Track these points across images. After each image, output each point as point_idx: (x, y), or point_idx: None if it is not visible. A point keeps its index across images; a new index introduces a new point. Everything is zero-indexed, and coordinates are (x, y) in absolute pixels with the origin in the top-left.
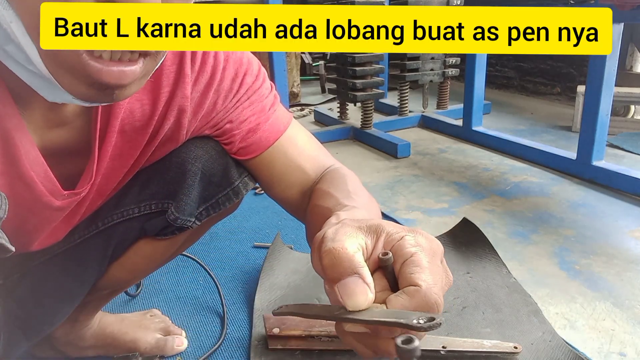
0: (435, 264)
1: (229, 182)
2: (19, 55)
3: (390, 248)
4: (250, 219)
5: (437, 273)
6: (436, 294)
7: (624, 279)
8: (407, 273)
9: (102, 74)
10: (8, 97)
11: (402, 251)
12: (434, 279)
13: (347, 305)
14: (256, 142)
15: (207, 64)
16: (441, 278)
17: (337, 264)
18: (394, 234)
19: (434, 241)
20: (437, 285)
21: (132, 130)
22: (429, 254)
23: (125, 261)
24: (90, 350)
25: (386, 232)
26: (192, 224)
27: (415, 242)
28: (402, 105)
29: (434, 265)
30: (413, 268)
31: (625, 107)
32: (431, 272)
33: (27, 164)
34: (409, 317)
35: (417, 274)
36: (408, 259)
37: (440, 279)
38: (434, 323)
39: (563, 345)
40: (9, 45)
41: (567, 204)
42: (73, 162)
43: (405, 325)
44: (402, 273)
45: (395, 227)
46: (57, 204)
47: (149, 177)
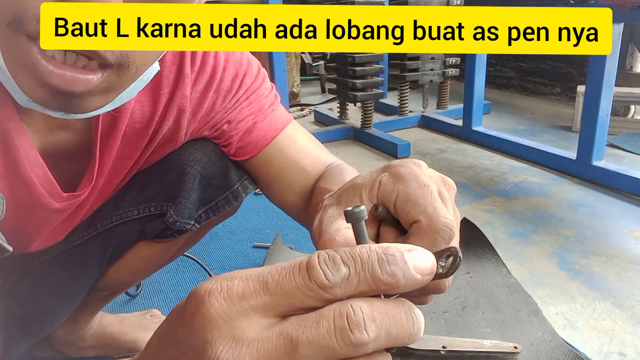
0: (423, 187)
1: (228, 185)
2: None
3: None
4: (250, 219)
5: (429, 195)
6: (440, 216)
7: (624, 279)
8: (404, 213)
9: (53, 76)
10: (7, 100)
11: (387, 195)
12: (430, 203)
13: None
14: (253, 141)
15: (207, 64)
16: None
17: None
18: (371, 184)
19: (409, 164)
20: (436, 206)
21: (132, 132)
22: (412, 181)
23: (125, 263)
24: (90, 351)
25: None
26: (192, 226)
27: (393, 179)
28: (402, 105)
29: (423, 189)
30: (405, 206)
31: (625, 107)
32: (424, 198)
33: (27, 165)
34: None
35: (411, 210)
36: (396, 200)
37: (435, 198)
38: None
39: (563, 345)
40: None
41: (567, 204)
42: (74, 164)
43: None
44: (400, 215)
45: (369, 177)
46: (56, 206)
47: (148, 179)
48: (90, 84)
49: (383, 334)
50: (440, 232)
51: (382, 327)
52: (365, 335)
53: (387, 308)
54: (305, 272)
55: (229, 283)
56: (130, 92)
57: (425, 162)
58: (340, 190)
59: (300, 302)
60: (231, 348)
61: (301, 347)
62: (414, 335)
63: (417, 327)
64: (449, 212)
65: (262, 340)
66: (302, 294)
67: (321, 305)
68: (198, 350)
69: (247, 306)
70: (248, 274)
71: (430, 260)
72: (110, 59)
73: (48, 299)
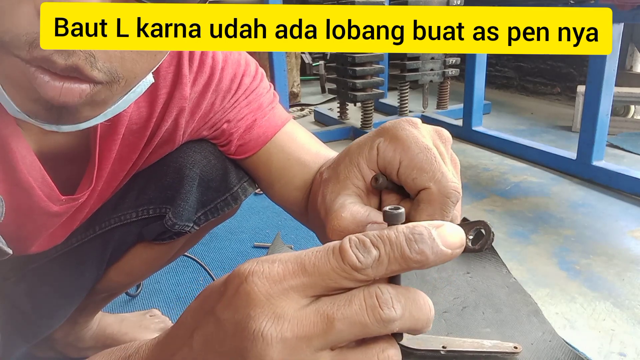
0: (424, 150)
1: (227, 188)
2: None
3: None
4: (250, 219)
5: (432, 159)
6: (448, 181)
7: (624, 279)
8: (410, 180)
9: (47, 89)
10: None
11: (388, 163)
12: (435, 168)
13: None
14: (254, 138)
15: (206, 65)
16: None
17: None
18: (368, 151)
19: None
20: (442, 170)
21: (130, 133)
22: (412, 144)
23: (124, 265)
24: (90, 351)
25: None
26: (190, 229)
27: (392, 145)
28: (402, 105)
29: (424, 152)
30: (410, 173)
31: (625, 107)
32: (428, 163)
33: (24, 169)
34: None
35: (418, 177)
36: (400, 167)
37: (439, 161)
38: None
39: (563, 345)
40: None
41: (567, 204)
42: (72, 166)
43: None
44: (405, 182)
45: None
46: (55, 209)
47: (146, 181)
48: (83, 93)
49: (407, 314)
50: (451, 196)
51: (406, 308)
52: (393, 312)
53: (408, 292)
54: (338, 255)
55: (270, 265)
56: (122, 105)
57: None
58: (337, 160)
59: (335, 282)
60: (273, 324)
61: (337, 323)
62: (429, 321)
63: (432, 314)
64: (451, 172)
65: (301, 317)
66: (337, 276)
67: (354, 285)
68: (240, 326)
69: (287, 286)
70: (286, 257)
71: (459, 234)
72: (97, 77)
73: (46, 301)
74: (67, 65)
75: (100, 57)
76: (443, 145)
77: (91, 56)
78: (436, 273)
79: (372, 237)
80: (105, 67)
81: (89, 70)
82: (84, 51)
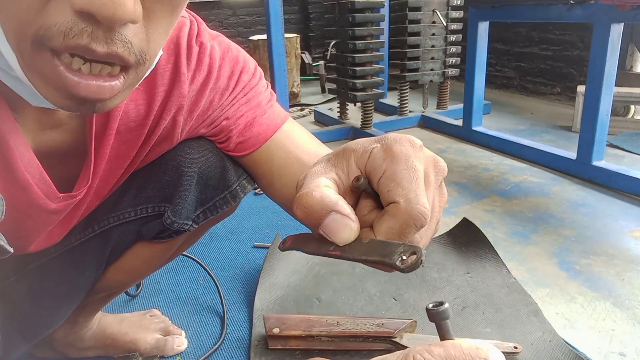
0: (411, 169)
1: (226, 185)
2: (1, 61)
3: (363, 168)
4: (250, 219)
5: (414, 179)
6: (417, 204)
7: (624, 279)
8: (385, 191)
9: (80, 88)
10: (1, 100)
11: (374, 168)
12: (412, 188)
13: (337, 243)
14: (254, 136)
15: (204, 62)
16: (420, 182)
17: (310, 211)
18: (362, 152)
19: (404, 142)
20: (418, 193)
21: (127, 130)
22: (402, 160)
23: (123, 264)
24: (90, 351)
25: (354, 152)
26: (189, 227)
27: (384, 153)
28: (402, 105)
29: (409, 171)
30: (388, 184)
31: (625, 107)
32: (408, 181)
33: (22, 166)
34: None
35: (393, 189)
36: (382, 176)
37: (419, 183)
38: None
39: (563, 345)
40: None
41: (567, 204)
42: (69, 164)
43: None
44: (381, 191)
45: (361, 144)
46: (52, 207)
47: (145, 180)
48: (114, 90)
49: None
50: (414, 218)
51: None
52: None
53: None
54: None
55: None
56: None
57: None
58: (334, 151)
59: None
60: None
61: None
62: None
63: None
64: (428, 200)
65: None
66: None
67: None
68: None
69: None
70: None
71: None
72: (132, 61)
73: (46, 301)
74: (107, 52)
75: (135, 42)
76: (434, 174)
77: (128, 42)
78: (436, 273)
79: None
80: (138, 50)
81: (127, 56)
82: (122, 39)
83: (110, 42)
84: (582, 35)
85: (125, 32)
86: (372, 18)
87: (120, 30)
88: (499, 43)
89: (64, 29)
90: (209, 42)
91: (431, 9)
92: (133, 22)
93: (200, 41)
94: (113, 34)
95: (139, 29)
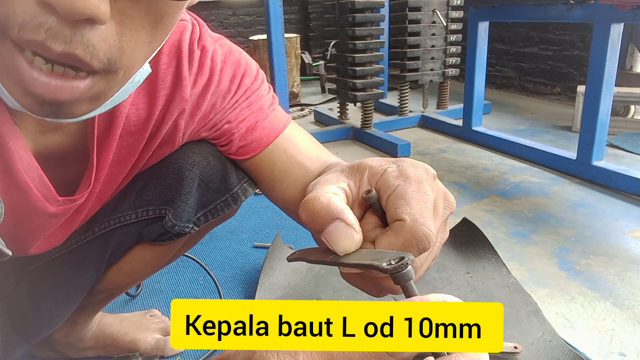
0: (422, 193)
1: (227, 188)
2: None
3: (375, 184)
4: (250, 219)
5: (424, 202)
6: (423, 225)
7: (624, 279)
8: (392, 208)
9: (37, 85)
10: (1, 103)
11: (386, 185)
12: (420, 209)
13: (337, 251)
14: (256, 140)
15: (205, 66)
16: (429, 206)
17: (315, 216)
18: (377, 168)
19: (420, 167)
20: (425, 215)
21: (128, 135)
22: (414, 182)
23: (123, 266)
24: (90, 351)
25: (369, 167)
26: (190, 229)
27: (399, 173)
28: (402, 105)
29: (420, 194)
30: (397, 201)
31: (625, 107)
32: (417, 202)
33: (22, 169)
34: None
35: (401, 207)
36: (392, 193)
37: (428, 207)
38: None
39: (563, 345)
40: None
41: (567, 204)
42: (70, 166)
43: (375, 267)
44: (388, 208)
45: (378, 161)
46: (52, 210)
47: (146, 183)
48: (76, 91)
49: None
50: (418, 239)
51: None
52: None
53: None
54: None
55: None
56: (122, 95)
57: (427, 164)
58: (349, 164)
59: None
60: None
61: None
62: None
63: None
64: (434, 225)
65: None
66: None
67: None
68: None
69: None
70: None
71: None
72: (97, 67)
73: (46, 302)
74: (64, 52)
75: (102, 47)
76: (443, 207)
77: (91, 46)
78: (436, 273)
79: None
80: (105, 57)
81: (88, 59)
82: (83, 40)
83: (69, 41)
84: (582, 35)
85: (89, 34)
86: (372, 18)
87: (84, 32)
88: (499, 43)
89: (21, 21)
90: (210, 46)
91: (431, 9)
92: (96, 19)
93: (202, 45)
94: (74, 34)
95: (108, 35)
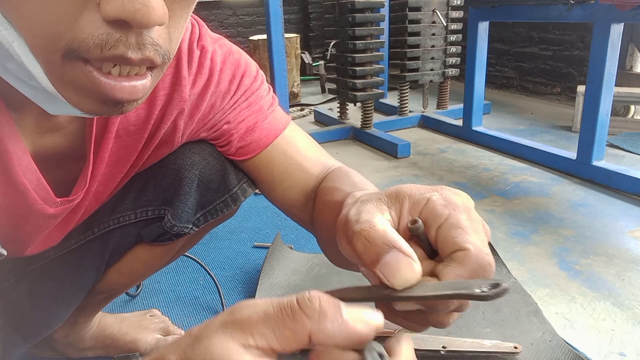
0: (474, 221)
1: (227, 189)
2: (21, 72)
3: (418, 214)
4: (250, 219)
5: (478, 231)
6: (487, 254)
7: (624, 279)
8: (450, 237)
9: (116, 91)
10: (1, 105)
11: (434, 214)
12: (480, 238)
13: (395, 285)
14: (255, 140)
15: (204, 66)
16: (483, 234)
17: (371, 246)
18: (419, 197)
19: (462, 195)
20: (484, 242)
21: (127, 134)
22: (463, 211)
23: (123, 266)
24: (90, 351)
25: (409, 196)
26: (190, 230)
27: (445, 202)
28: (402, 105)
29: (473, 222)
30: (454, 231)
31: (625, 107)
32: (474, 231)
33: (20, 171)
34: (470, 287)
35: (461, 236)
36: (444, 222)
37: (483, 236)
38: (501, 289)
39: (563, 345)
40: (10, 63)
41: (567, 204)
42: (68, 167)
43: (469, 296)
44: (443, 238)
45: (417, 189)
46: (50, 212)
47: (145, 183)
48: (146, 88)
49: None
50: (484, 268)
51: None
52: None
53: None
54: None
55: None
56: None
57: (425, 163)
58: (385, 191)
59: None
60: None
61: None
62: None
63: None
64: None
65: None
66: None
67: None
68: None
69: None
70: None
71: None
72: (159, 62)
73: (45, 302)
74: (142, 58)
75: (161, 43)
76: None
77: (156, 45)
78: None
79: None
80: (164, 51)
81: (156, 58)
82: (151, 42)
83: (142, 47)
84: (582, 35)
85: (152, 34)
86: (372, 18)
87: (148, 34)
88: (499, 43)
89: (100, 42)
90: (210, 46)
91: (431, 9)
92: (162, 24)
93: (201, 45)
94: (143, 39)
95: (162, 30)
